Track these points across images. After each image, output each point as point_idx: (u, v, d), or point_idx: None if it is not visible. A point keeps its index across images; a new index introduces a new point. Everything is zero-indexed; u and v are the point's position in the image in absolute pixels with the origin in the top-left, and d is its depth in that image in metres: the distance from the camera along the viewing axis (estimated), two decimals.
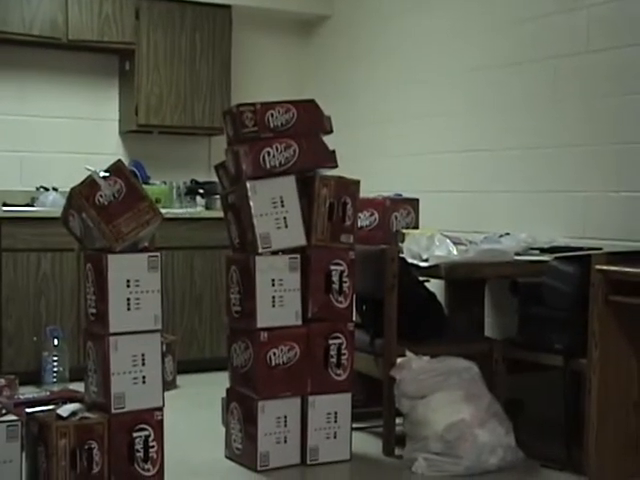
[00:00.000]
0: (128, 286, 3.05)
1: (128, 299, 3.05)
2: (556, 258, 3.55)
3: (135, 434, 3.08)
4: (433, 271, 3.62)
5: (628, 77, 3.76)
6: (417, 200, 4.36)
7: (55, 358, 4.75)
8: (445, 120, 4.81)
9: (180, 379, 4.94)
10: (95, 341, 3.11)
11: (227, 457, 3.59)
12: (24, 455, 3.06)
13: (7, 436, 2.93)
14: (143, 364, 3.09)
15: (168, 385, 4.52)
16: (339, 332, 3.53)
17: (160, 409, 3.14)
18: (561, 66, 4.08)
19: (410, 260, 3.70)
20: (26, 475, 3.05)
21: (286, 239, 3.44)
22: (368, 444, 3.78)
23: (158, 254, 3.13)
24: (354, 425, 3.63)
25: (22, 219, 4.79)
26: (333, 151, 3.57)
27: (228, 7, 5.55)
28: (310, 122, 3.53)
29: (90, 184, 3.06)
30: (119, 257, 3.05)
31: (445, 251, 3.62)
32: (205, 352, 5.26)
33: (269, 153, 3.43)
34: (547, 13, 4.16)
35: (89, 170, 3.08)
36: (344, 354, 3.53)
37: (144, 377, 3.09)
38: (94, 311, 3.12)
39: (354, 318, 3.62)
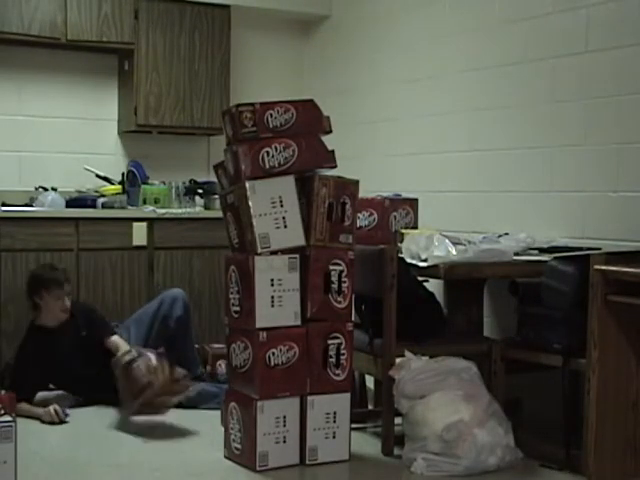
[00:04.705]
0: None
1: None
2: (555, 258, 3.55)
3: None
4: (432, 271, 3.62)
5: (627, 77, 3.76)
6: (416, 200, 4.36)
7: None
8: (444, 120, 4.81)
9: None
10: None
11: (226, 457, 3.59)
12: None
13: (1, 436, 2.90)
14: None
15: None
16: (338, 332, 3.52)
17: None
18: (560, 66, 4.08)
19: (409, 260, 3.70)
20: None
21: (285, 239, 3.44)
22: (367, 444, 3.78)
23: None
24: (353, 425, 3.63)
25: (21, 219, 4.77)
26: (332, 151, 3.56)
27: (227, 7, 5.54)
28: (309, 122, 3.52)
29: None
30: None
31: (444, 251, 3.61)
32: None
33: (268, 153, 3.43)
34: (546, 13, 4.16)
35: (88, 170, 3.09)
36: (343, 354, 3.53)
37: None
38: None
39: (353, 318, 3.62)
